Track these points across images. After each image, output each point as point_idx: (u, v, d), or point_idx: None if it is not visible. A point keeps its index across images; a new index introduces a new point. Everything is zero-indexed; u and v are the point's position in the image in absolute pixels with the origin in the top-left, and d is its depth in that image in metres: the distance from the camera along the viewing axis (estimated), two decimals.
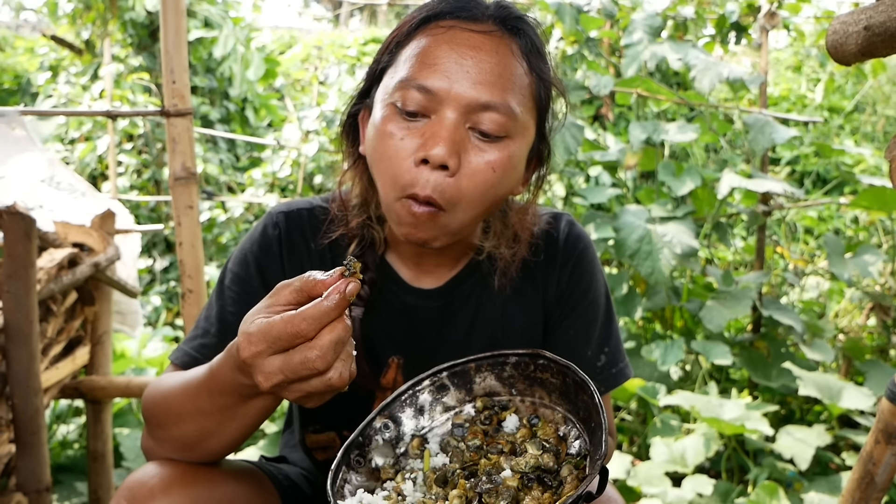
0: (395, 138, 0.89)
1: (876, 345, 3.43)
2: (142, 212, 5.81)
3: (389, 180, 0.90)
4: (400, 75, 0.91)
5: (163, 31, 1.56)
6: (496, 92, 0.89)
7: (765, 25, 3.29)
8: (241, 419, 0.84)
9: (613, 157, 3.37)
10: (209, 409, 0.84)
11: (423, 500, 0.76)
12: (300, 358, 0.71)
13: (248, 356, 0.72)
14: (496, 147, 0.90)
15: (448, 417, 0.87)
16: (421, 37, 0.92)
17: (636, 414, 2.98)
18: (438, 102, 0.88)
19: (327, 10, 17.70)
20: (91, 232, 2.22)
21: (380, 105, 0.93)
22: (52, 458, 2.51)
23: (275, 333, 0.71)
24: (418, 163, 0.88)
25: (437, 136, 0.87)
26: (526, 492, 0.74)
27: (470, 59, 0.89)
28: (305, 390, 0.73)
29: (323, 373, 0.72)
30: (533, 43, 0.95)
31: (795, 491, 2.42)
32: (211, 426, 0.85)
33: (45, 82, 6.74)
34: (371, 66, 0.99)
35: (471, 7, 0.93)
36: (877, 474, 0.97)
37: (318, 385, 0.72)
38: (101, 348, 2.32)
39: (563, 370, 0.80)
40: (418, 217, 0.89)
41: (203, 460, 0.91)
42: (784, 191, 3.01)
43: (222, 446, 0.88)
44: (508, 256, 1.06)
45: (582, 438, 0.78)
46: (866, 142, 7.02)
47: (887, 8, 0.79)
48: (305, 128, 4.94)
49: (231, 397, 0.82)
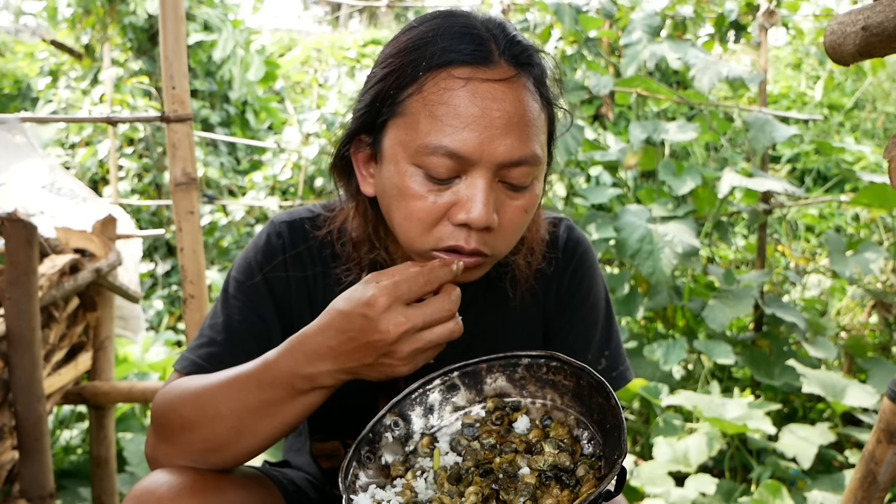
0: (425, 201, 0.88)
1: (878, 342, 3.43)
2: (143, 216, 5.82)
3: (421, 237, 0.91)
4: (422, 138, 0.86)
5: (162, 37, 1.56)
6: (525, 146, 0.87)
7: (763, 24, 3.29)
8: (283, 416, 0.86)
9: (614, 156, 3.37)
10: (254, 403, 0.86)
11: (438, 496, 0.77)
12: (435, 306, 0.81)
13: (381, 307, 0.79)
14: (525, 193, 0.91)
15: (458, 417, 0.87)
16: (433, 88, 0.86)
17: (639, 414, 2.98)
18: (470, 164, 0.86)
19: (326, 13, 17.72)
20: (92, 237, 2.22)
21: (395, 161, 0.89)
22: (55, 464, 2.51)
23: (405, 287, 0.80)
24: (458, 224, 0.88)
25: (475, 200, 0.86)
26: (544, 490, 0.75)
27: (497, 114, 0.85)
28: (429, 339, 0.81)
29: (450, 319, 0.82)
30: (542, 71, 0.94)
31: (799, 489, 2.42)
32: (250, 423, 0.87)
33: (46, 87, 6.75)
34: (363, 108, 0.93)
35: (483, 50, 0.87)
36: (879, 473, 0.97)
37: (442, 333, 0.82)
38: (103, 353, 2.32)
39: (578, 372, 0.80)
40: (467, 265, 0.91)
41: (223, 465, 0.91)
42: (784, 189, 3.01)
43: (252, 447, 0.89)
44: (524, 267, 1.06)
45: (595, 441, 0.78)
46: (866, 139, 7.01)
47: (885, 8, 0.79)
48: (306, 130, 4.95)
49: (282, 391, 0.85)
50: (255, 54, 7.18)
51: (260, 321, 1.02)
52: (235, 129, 7.16)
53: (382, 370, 0.83)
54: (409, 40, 0.90)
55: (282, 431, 0.88)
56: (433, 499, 0.77)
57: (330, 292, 1.06)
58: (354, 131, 0.95)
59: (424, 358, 0.83)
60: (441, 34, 0.88)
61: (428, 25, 0.90)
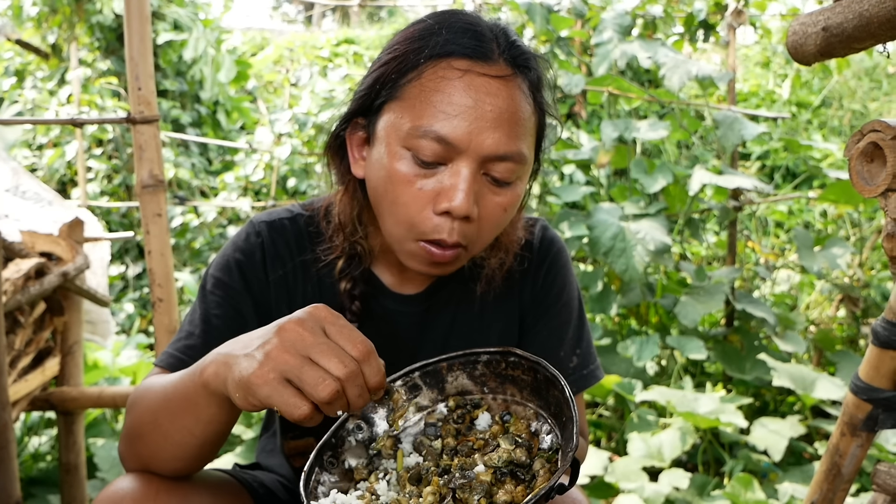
0: (411, 185, 0.90)
1: (846, 335, 3.49)
2: (113, 218, 5.73)
3: (405, 223, 0.92)
4: (415, 121, 0.89)
5: (127, 37, 1.53)
6: (512, 142, 0.90)
7: (732, 23, 3.34)
8: (192, 419, 0.82)
9: (586, 155, 3.39)
10: (174, 405, 0.83)
11: (397, 498, 0.77)
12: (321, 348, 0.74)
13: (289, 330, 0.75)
14: (507, 190, 0.94)
15: (421, 417, 0.87)
16: (432, 76, 0.90)
17: (613, 410, 3.00)
18: (457, 152, 0.89)
19: (299, 11, 17.60)
20: (59, 241, 2.18)
21: (387, 143, 0.92)
22: (24, 472, 2.47)
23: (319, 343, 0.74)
24: (440, 213, 0.90)
25: (457, 188, 0.89)
26: (499, 486, 0.75)
27: (488, 107, 0.88)
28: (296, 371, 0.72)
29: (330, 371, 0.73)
30: (539, 77, 0.97)
31: (770, 482, 2.46)
32: (167, 423, 0.85)
33: (11, 87, 6.60)
34: (364, 91, 0.96)
35: (484, 47, 0.91)
36: (843, 466, 0.98)
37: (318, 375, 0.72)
38: (71, 359, 2.28)
39: (534, 366, 0.81)
40: (446, 259, 0.93)
41: (161, 471, 0.89)
42: (754, 186, 3.05)
43: (174, 454, 0.86)
44: (496, 265, 1.08)
45: (554, 433, 0.79)
46: (834, 136, 7.14)
47: (844, 9, 0.80)
48: (278, 130, 4.91)
49: (193, 389, 0.81)
50: (226, 54, 7.10)
51: (237, 315, 1.03)
52: (207, 129, 7.08)
53: (243, 365, 0.74)
54: (415, 30, 0.95)
55: (195, 437, 0.83)
56: (392, 500, 0.77)
57: (312, 290, 1.08)
58: (353, 112, 0.98)
59: (276, 382, 0.73)
60: (447, 27, 0.92)
61: (436, 19, 0.95)
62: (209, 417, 0.81)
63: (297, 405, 0.72)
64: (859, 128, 0.79)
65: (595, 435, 2.86)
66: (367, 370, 0.75)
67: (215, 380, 0.77)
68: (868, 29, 0.76)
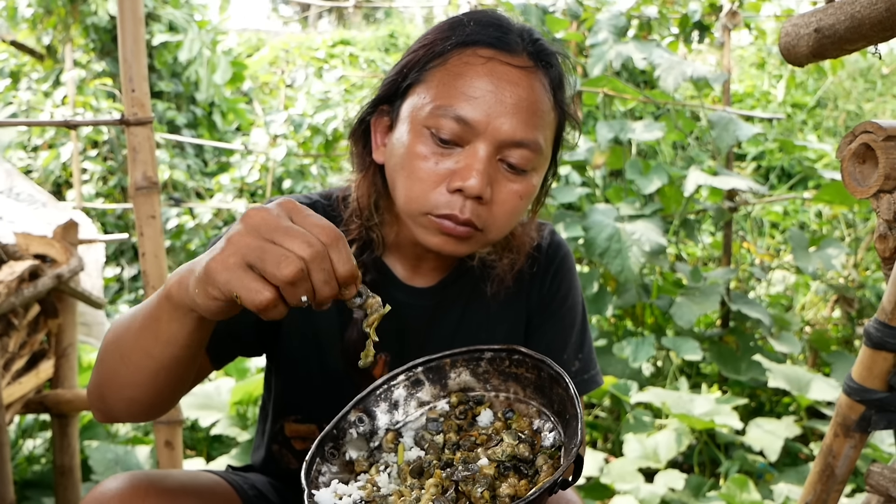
0: (428, 161, 0.93)
1: (841, 336, 3.50)
2: (108, 219, 5.72)
3: (419, 198, 0.94)
4: (437, 101, 0.93)
5: (120, 38, 1.53)
6: (529, 130, 0.93)
7: (727, 24, 3.34)
8: (160, 334, 0.78)
9: (582, 156, 3.39)
10: (141, 323, 0.80)
11: (398, 490, 0.77)
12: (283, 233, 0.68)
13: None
14: (522, 179, 0.96)
15: (422, 412, 0.88)
16: (457, 62, 0.94)
17: (609, 411, 3.00)
18: (474, 134, 0.92)
19: (296, 12, 17.59)
20: (53, 243, 2.17)
21: (409, 123, 0.95)
22: (18, 474, 2.46)
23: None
24: (453, 190, 0.93)
25: (472, 168, 0.91)
26: (502, 480, 0.76)
27: (508, 94, 0.92)
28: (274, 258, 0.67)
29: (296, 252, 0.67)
30: (560, 76, 1.00)
31: (766, 482, 2.46)
32: (130, 344, 0.81)
33: (6, 89, 6.59)
34: (392, 76, 1.00)
35: (508, 39, 0.95)
36: (837, 466, 0.99)
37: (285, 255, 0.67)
38: (66, 361, 2.27)
39: (538, 364, 0.81)
40: (458, 233, 0.94)
41: (126, 401, 0.85)
42: (749, 187, 3.06)
43: (144, 380, 0.82)
44: (507, 266, 1.10)
45: (556, 431, 0.79)
46: (829, 136, 7.16)
47: (836, 11, 0.80)
48: (273, 132, 4.90)
49: (163, 306, 0.77)
50: (221, 55, 7.09)
51: None
52: (202, 130, 7.06)
53: (205, 259, 0.71)
54: (446, 23, 1.00)
55: (153, 359, 0.80)
56: (394, 492, 0.77)
57: None
58: (380, 99, 1.02)
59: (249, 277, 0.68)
60: (475, 20, 0.98)
61: (468, 16, 1.00)
62: (168, 337, 0.78)
63: (257, 289, 0.67)
64: (852, 129, 0.80)
65: (591, 436, 2.86)
66: (335, 255, 0.70)
67: (178, 288, 0.74)
68: (860, 30, 0.77)
